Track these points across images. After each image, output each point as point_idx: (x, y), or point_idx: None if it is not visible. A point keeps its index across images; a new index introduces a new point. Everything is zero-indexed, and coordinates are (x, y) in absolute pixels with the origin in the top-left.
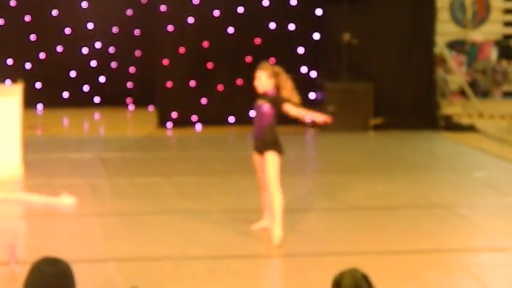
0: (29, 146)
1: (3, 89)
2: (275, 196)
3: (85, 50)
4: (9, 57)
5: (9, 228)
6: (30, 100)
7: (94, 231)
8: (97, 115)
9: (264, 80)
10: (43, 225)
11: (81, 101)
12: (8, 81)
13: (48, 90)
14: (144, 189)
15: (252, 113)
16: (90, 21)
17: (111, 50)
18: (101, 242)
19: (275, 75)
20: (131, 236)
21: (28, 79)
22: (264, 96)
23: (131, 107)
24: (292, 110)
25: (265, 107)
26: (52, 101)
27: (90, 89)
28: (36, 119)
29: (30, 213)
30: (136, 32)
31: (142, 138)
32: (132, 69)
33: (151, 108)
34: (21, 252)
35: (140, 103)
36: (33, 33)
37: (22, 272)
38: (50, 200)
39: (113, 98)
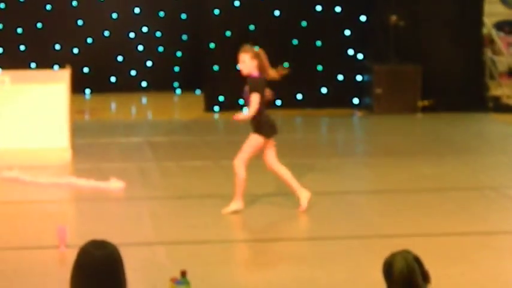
0: (77, 130)
1: (52, 75)
2: (237, 171)
3: (132, 35)
4: (57, 43)
5: (59, 212)
6: (78, 85)
7: (142, 214)
8: (144, 99)
9: (247, 61)
10: (92, 209)
11: (128, 86)
12: (56, 67)
13: (95, 75)
14: (192, 173)
15: (299, 96)
16: (137, 6)
17: (158, 34)
18: (149, 225)
19: (257, 56)
20: (179, 220)
21: (76, 64)
22: (248, 79)
23: (178, 91)
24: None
25: (247, 93)
26: (100, 86)
27: (137, 73)
28: (84, 104)
29: (79, 197)
30: (183, 16)
31: (189, 122)
32: (179, 54)
33: (198, 92)
34: (71, 236)
35: (187, 87)
36: (80, 18)
37: (72, 255)
38: (99, 184)
39: (160, 83)
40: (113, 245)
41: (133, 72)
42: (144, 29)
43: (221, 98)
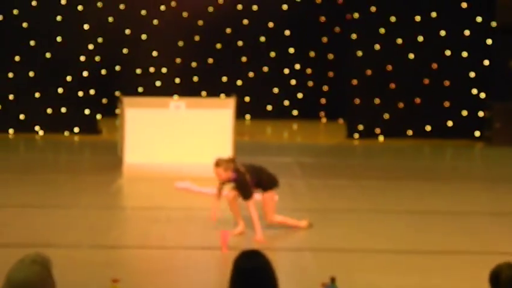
0: (238, 149)
1: (219, 102)
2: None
3: (286, 71)
4: (224, 75)
5: (222, 218)
6: (240, 111)
7: None
8: (295, 126)
9: (222, 174)
10: (249, 217)
11: (281, 114)
12: (222, 95)
13: (255, 104)
14: (335, 190)
15: (427, 128)
16: (291, 46)
17: (309, 71)
18: (297, 233)
19: (228, 163)
20: (323, 230)
21: (239, 94)
22: (235, 184)
23: (324, 120)
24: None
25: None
26: (258, 113)
27: (290, 103)
28: (244, 127)
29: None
30: (330, 56)
31: (333, 147)
32: (325, 88)
33: (340, 121)
34: (232, 240)
35: (331, 117)
36: (243, 55)
37: (232, 257)
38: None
39: (308, 112)
40: (264, 256)
41: (286, 102)
42: (297, 66)
43: (360, 127)
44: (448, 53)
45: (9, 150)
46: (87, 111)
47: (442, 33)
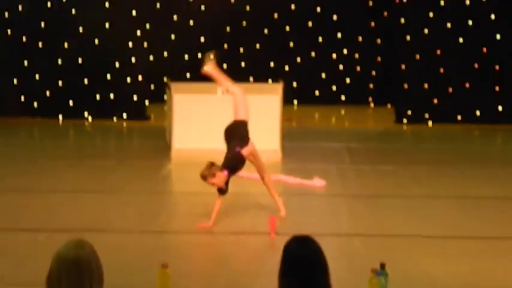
0: (286, 135)
1: (267, 88)
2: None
3: (334, 56)
4: (271, 61)
5: (270, 204)
6: (287, 97)
7: (341, 209)
8: (342, 111)
9: (216, 180)
10: (298, 202)
11: (329, 99)
12: (269, 81)
13: (302, 89)
14: (384, 176)
15: (477, 113)
16: (339, 31)
17: (356, 56)
18: (347, 219)
19: (211, 169)
20: (373, 215)
21: (286, 79)
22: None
23: (372, 105)
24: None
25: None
26: (305, 98)
27: (337, 88)
28: (292, 113)
29: (288, 192)
30: (378, 40)
31: (381, 132)
32: (373, 73)
33: (389, 106)
34: (280, 225)
35: (380, 102)
36: (291, 40)
37: (281, 242)
38: (304, 182)
39: (356, 97)
40: (315, 241)
41: (334, 88)
42: (345, 51)
43: (409, 112)
44: (498, 37)
45: (58, 137)
46: (135, 97)
47: (492, 16)
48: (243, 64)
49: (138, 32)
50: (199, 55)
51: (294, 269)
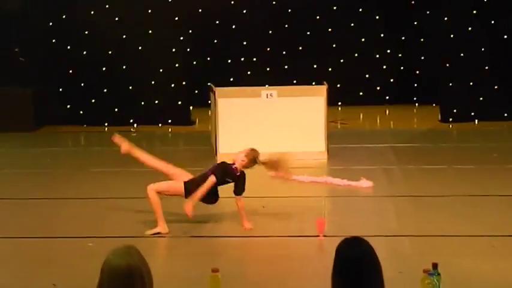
0: (332, 137)
1: (312, 90)
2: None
3: (377, 56)
4: (314, 62)
5: (318, 205)
6: (332, 98)
7: (388, 210)
8: (387, 111)
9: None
10: (345, 204)
11: (374, 99)
12: (313, 83)
13: (346, 90)
14: (430, 175)
15: None
16: (381, 32)
17: (400, 55)
18: (394, 219)
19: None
20: (420, 215)
21: (330, 81)
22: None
23: (416, 104)
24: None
25: None
26: (350, 99)
27: (382, 89)
28: (337, 114)
29: (335, 193)
30: (421, 39)
31: (427, 131)
32: (417, 72)
33: (434, 105)
34: (328, 227)
35: (425, 101)
36: (333, 42)
37: (329, 244)
38: (351, 183)
39: (401, 97)
40: (367, 243)
41: (378, 88)
42: (388, 51)
43: (455, 110)
44: None
45: (104, 144)
46: (179, 103)
47: None
48: (286, 67)
49: (181, 37)
50: (242, 58)
51: (347, 269)
